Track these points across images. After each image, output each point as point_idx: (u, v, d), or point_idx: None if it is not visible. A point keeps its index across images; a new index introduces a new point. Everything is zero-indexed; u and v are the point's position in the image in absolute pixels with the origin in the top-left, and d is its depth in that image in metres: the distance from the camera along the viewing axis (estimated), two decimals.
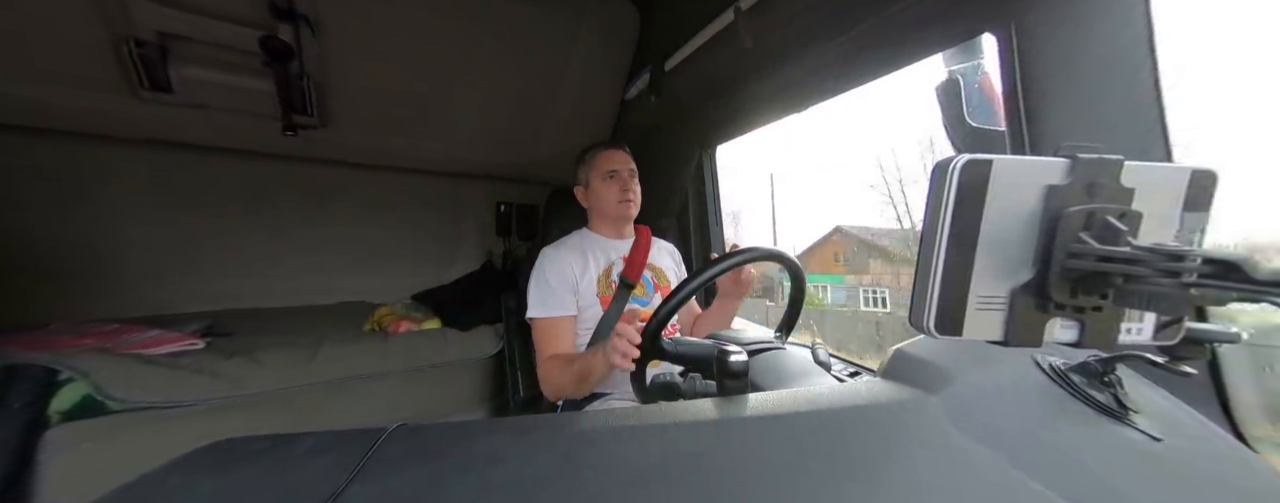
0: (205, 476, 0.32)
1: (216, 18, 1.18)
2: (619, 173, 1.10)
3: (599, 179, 1.11)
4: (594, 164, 1.12)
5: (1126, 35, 0.58)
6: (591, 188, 1.13)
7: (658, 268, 1.16)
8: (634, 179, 1.12)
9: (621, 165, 1.10)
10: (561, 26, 1.43)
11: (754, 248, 0.73)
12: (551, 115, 1.71)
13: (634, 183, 1.12)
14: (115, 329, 1.29)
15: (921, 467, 0.35)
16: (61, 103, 1.26)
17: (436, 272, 2.14)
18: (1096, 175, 0.31)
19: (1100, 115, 0.60)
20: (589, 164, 1.13)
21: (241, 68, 1.28)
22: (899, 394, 0.44)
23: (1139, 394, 0.45)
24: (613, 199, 1.09)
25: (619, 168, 1.10)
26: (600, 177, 1.10)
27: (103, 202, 1.53)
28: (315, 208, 1.89)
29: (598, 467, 0.33)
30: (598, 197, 1.12)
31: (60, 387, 1.00)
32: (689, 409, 0.42)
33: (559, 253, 1.07)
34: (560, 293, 1.02)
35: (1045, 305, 0.32)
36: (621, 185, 1.09)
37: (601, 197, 1.11)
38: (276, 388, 1.23)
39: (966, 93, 0.77)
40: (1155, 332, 0.34)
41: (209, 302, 1.70)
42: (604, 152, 1.12)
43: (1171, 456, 0.38)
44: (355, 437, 0.36)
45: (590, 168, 1.13)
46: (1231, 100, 1.10)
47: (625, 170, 1.11)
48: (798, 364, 0.66)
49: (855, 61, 0.97)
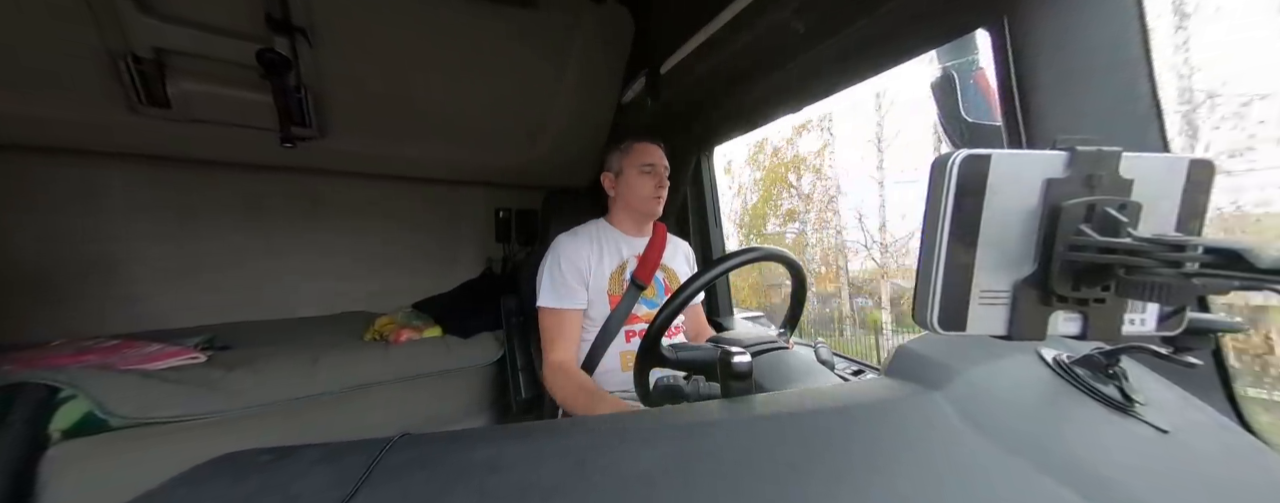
0: (209, 491, 0.32)
1: (213, 32, 1.18)
2: (656, 168, 1.09)
3: (635, 170, 1.09)
4: (633, 154, 1.10)
5: (1119, 26, 0.58)
6: (624, 177, 1.10)
7: (671, 269, 1.15)
8: (667, 178, 1.12)
9: (659, 162, 1.10)
10: (557, 32, 1.43)
11: (754, 248, 0.73)
12: (548, 121, 1.72)
13: (667, 182, 1.12)
14: (116, 345, 1.29)
15: (929, 463, 0.35)
16: (60, 119, 1.26)
17: (436, 280, 2.13)
18: (1095, 167, 0.31)
19: (1096, 108, 0.60)
20: (627, 153, 1.11)
21: (238, 81, 1.28)
22: (904, 391, 0.44)
23: (1144, 386, 0.44)
24: (647, 193, 1.08)
25: (657, 163, 1.09)
26: (637, 168, 1.09)
27: (102, 217, 1.53)
28: (314, 218, 1.89)
29: (604, 472, 0.33)
30: (629, 187, 1.10)
31: (61, 404, 0.99)
32: (694, 412, 0.42)
33: (575, 241, 1.06)
34: (572, 284, 1.02)
35: (1048, 299, 0.32)
36: (657, 181, 1.09)
37: (634, 188, 1.09)
38: (278, 400, 1.22)
39: (962, 89, 0.78)
40: (1158, 322, 0.34)
41: (209, 315, 1.70)
42: (645, 144, 1.11)
43: (1180, 447, 0.38)
44: (359, 448, 0.35)
45: (627, 155, 1.11)
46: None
47: (662, 167, 1.10)
48: (801, 364, 0.65)
49: (849, 61, 0.97)
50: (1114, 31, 0.58)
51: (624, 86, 1.60)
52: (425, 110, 1.56)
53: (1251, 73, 0.74)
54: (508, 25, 1.37)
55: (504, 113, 1.67)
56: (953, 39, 0.79)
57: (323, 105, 1.44)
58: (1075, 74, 0.61)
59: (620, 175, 1.12)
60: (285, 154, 1.46)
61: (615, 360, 1.04)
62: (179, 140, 1.44)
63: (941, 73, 0.81)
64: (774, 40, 1.02)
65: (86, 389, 1.01)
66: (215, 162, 1.62)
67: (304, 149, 1.50)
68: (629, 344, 1.05)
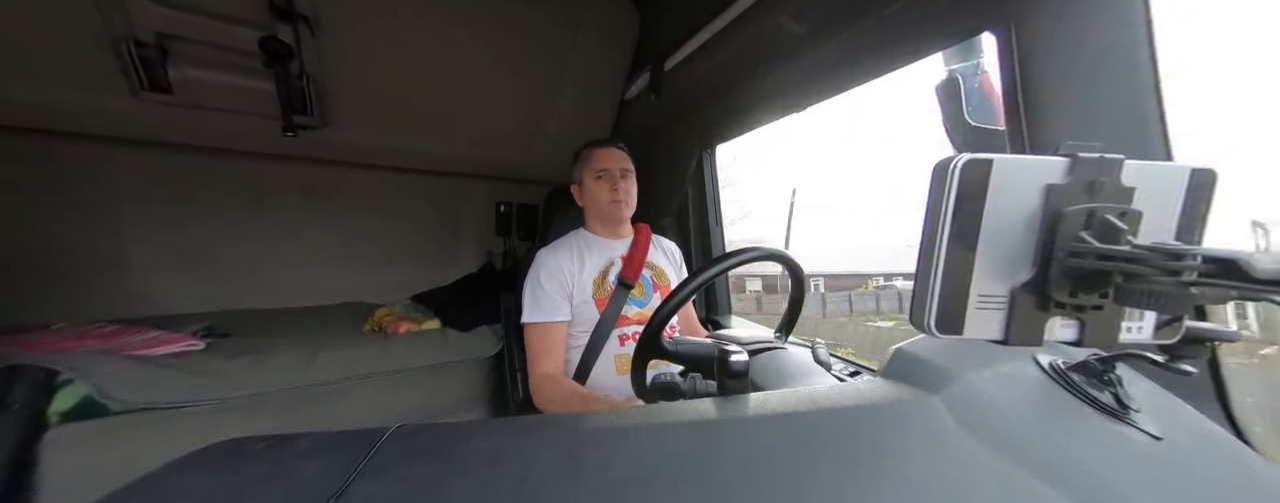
0: (205, 477, 0.32)
1: (216, 18, 1.18)
2: (609, 172, 1.07)
3: (591, 178, 1.09)
4: (587, 162, 1.10)
5: (1126, 34, 0.58)
6: (584, 186, 1.11)
7: (657, 267, 1.15)
8: (626, 178, 1.09)
9: (613, 164, 1.08)
10: (561, 26, 1.42)
11: (754, 247, 0.73)
12: (551, 115, 1.71)
13: (626, 182, 1.09)
14: (116, 330, 1.29)
15: (922, 466, 0.35)
16: (61, 104, 1.26)
17: (436, 272, 2.13)
18: (1097, 174, 0.31)
19: (1100, 114, 0.60)
20: (583, 162, 1.11)
21: (241, 68, 1.28)
22: (899, 394, 0.44)
23: (1139, 393, 0.45)
24: (603, 199, 1.07)
25: (610, 167, 1.07)
26: (592, 175, 1.08)
27: (102, 203, 1.53)
28: (315, 208, 1.89)
29: (599, 467, 0.33)
30: (590, 196, 1.10)
31: (60, 388, 1.00)
32: (690, 409, 0.42)
33: (554, 255, 1.05)
34: (554, 297, 1.01)
35: (1045, 304, 0.32)
36: (611, 185, 1.07)
37: (593, 196, 1.09)
38: (276, 389, 1.23)
39: (966, 92, 0.78)
40: (1155, 330, 0.34)
41: (209, 302, 1.70)
42: (597, 150, 1.10)
43: (1172, 454, 0.38)
44: (355, 437, 0.35)
45: (584, 165, 1.11)
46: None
47: (617, 169, 1.08)
48: (798, 364, 0.66)
49: (855, 61, 0.97)
50: (1120, 38, 0.58)
51: (627, 83, 1.60)
52: (428, 102, 1.56)
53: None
54: (512, 19, 1.36)
55: (506, 107, 1.66)
56: (959, 42, 0.78)
57: (325, 95, 1.43)
58: (1080, 79, 0.61)
59: (582, 185, 1.11)
60: (287, 143, 1.45)
61: (609, 364, 1.03)
62: (181, 127, 1.44)
63: (946, 75, 0.80)
64: (779, 39, 1.02)
65: (86, 374, 1.01)
66: (217, 149, 1.62)
67: (306, 139, 1.49)
68: (623, 348, 1.04)
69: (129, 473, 0.30)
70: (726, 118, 1.38)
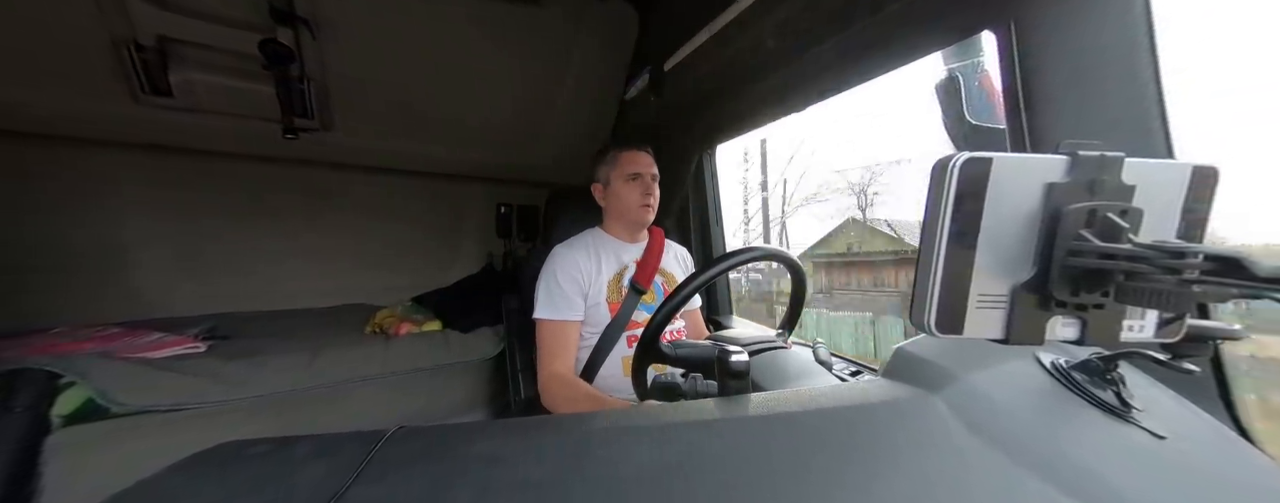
0: (206, 479, 0.32)
1: (216, 22, 1.18)
2: (642, 176, 1.07)
3: (621, 180, 1.08)
4: (617, 163, 1.09)
5: (1126, 31, 0.58)
6: (612, 188, 1.10)
7: (669, 273, 1.15)
8: (656, 184, 1.10)
9: (645, 169, 1.08)
10: (561, 28, 1.43)
11: (754, 247, 0.73)
12: (551, 116, 1.72)
13: (655, 187, 1.10)
14: (117, 333, 1.30)
15: (924, 466, 0.35)
16: (63, 108, 1.27)
17: (437, 274, 2.14)
18: (1097, 172, 0.31)
19: (1100, 112, 0.60)
20: (611, 163, 1.10)
21: (241, 71, 1.28)
22: (900, 393, 0.44)
23: (1142, 392, 0.44)
24: (634, 203, 1.07)
25: (643, 171, 1.08)
26: (623, 178, 1.08)
27: (104, 206, 1.54)
28: (315, 210, 1.89)
29: (601, 467, 0.33)
30: (618, 198, 1.09)
31: (63, 390, 1.00)
32: (691, 410, 0.42)
33: (571, 253, 1.05)
34: (570, 296, 1.01)
35: (1046, 303, 0.31)
36: (644, 189, 1.07)
37: (622, 198, 1.08)
38: (278, 391, 1.23)
39: (966, 90, 0.77)
40: (1157, 329, 0.34)
41: (210, 305, 1.71)
42: (629, 152, 1.10)
43: (1175, 453, 0.38)
44: (356, 439, 0.35)
45: (612, 167, 1.10)
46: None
47: (649, 174, 1.08)
48: (799, 364, 0.66)
49: (855, 60, 0.97)
50: (1121, 36, 0.58)
51: (627, 84, 1.60)
52: (427, 105, 1.56)
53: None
54: (511, 20, 1.36)
55: (506, 108, 1.66)
56: (959, 41, 0.78)
57: (325, 97, 1.44)
58: (1081, 78, 0.61)
59: (608, 186, 1.11)
60: (288, 146, 1.46)
61: (617, 366, 1.04)
62: (181, 130, 1.45)
63: (946, 74, 0.80)
64: (779, 38, 1.02)
65: (88, 376, 1.02)
66: (218, 152, 1.62)
67: (306, 141, 1.50)
68: (631, 350, 1.04)
69: (130, 476, 0.30)
70: (726, 118, 1.38)
